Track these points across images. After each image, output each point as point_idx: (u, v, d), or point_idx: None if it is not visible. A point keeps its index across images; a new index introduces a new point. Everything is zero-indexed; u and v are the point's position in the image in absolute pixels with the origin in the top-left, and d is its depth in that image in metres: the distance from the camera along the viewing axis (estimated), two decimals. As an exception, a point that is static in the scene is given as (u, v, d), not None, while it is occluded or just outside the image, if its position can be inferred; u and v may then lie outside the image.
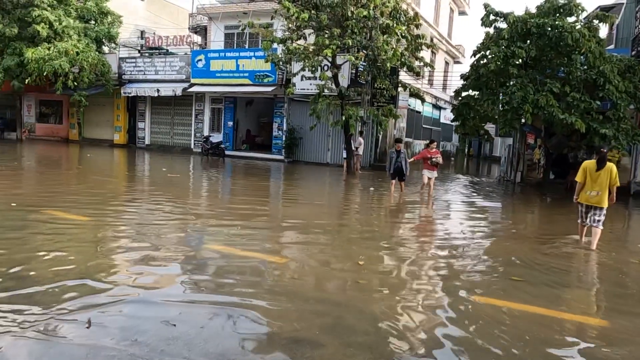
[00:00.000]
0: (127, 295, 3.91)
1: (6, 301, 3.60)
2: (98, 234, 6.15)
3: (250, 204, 9.47)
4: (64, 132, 28.05)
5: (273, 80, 20.33)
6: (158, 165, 17.23)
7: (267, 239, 6.47)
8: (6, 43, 22.31)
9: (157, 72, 23.82)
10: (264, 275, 4.73)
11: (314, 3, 14.67)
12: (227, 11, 22.37)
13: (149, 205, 8.38)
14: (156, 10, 29.80)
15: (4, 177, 11.71)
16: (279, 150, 21.30)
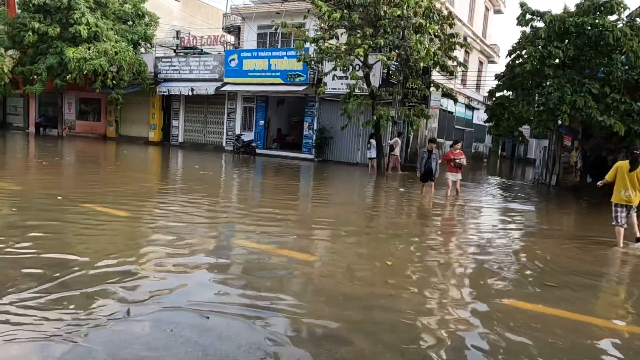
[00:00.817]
0: (161, 287, 4.04)
1: (45, 291, 3.78)
2: (134, 228, 6.35)
3: (280, 202, 9.58)
4: (102, 129, 28.97)
5: (304, 80, 20.45)
6: (191, 163, 17.60)
7: (296, 237, 6.54)
8: (49, 43, 23.25)
9: (192, 71, 24.31)
10: (293, 272, 4.80)
11: (346, 3, 14.69)
12: (260, 11, 22.62)
13: (182, 202, 8.59)
14: (191, 10, 30.41)
15: (48, 172, 12.23)
16: (309, 149, 21.41)
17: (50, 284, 3.90)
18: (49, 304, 3.51)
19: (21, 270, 4.16)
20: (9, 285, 3.80)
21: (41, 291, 3.73)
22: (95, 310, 3.49)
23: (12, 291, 3.70)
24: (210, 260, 5.00)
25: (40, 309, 3.40)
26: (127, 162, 16.58)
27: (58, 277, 4.05)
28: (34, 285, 3.83)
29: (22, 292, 3.70)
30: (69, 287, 3.85)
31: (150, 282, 4.16)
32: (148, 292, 3.90)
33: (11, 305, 3.44)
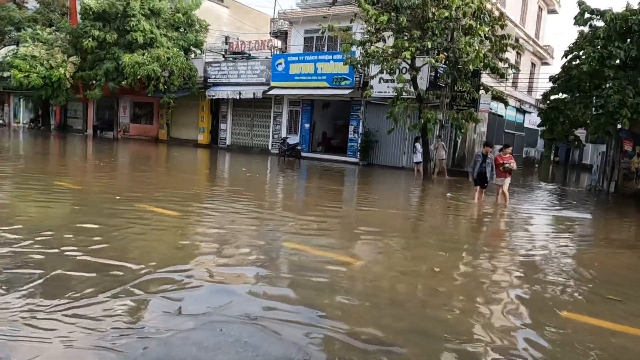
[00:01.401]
0: (209, 288, 4.12)
1: (96, 291, 3.93)
2: (184, 227, 6.53)
3: (325, 205, 9.58)
4: (154, 132, 30.07)
5: (350, 83, 20.42)
6: (238, 165, 17.95)
7: (341, 240, 6.52)
8: (107, 49, 24.42)
9: (239, 75, 24.83)
10: (339, 275, 4.76)
11: (393, 5, 14.56)
12: (307, 16, 22.82)
13: (230, 203, 8.76)
14: (240, 16, 31.08)
15: (105, 173, 12.81)
16: (354, 153, 21.34)
17: (103, 284, 4.06)
18: (102, 304, 3.64)
19: (77, 273, 4.34)
20: (61, 286, 3.99)
21: (93, 291, 3.88)
22: (146, 308, 3.60)
23: (66, 293, 3.87)
24: (257, 262, 5.05)
25: (93, 309, 3.52)
26: (178, 164, 17.12)
27: (110, 277, 4.20)
28: (88, 286, 3.99)
29: (76, 293, 3.86)
30: (120, 285, 3.99)
31: (199, 281, 4.24)
32: (197, 292, 3.98)
33: (67, 307, 3.60)
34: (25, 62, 24.88)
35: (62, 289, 3.78)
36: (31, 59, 25.04)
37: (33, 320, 3.18)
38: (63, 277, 4.01)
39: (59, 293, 3.67)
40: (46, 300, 3.51)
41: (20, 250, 4.65)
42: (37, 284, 3.83)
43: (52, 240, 5.05)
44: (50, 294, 3.65)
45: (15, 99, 38.86)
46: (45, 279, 3.94)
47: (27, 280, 3.87)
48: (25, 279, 3.91)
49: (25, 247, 4.74)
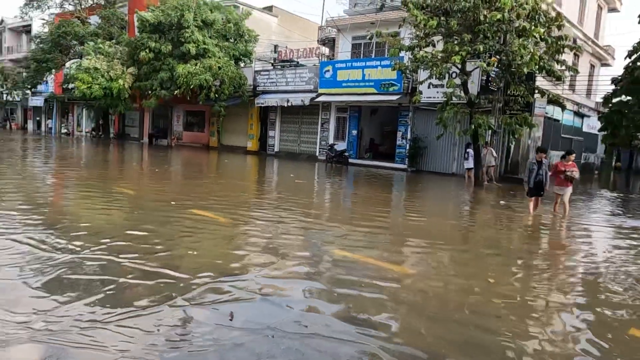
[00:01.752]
0: (260, 297, 4.15)
1: (155, 297, 4.06)
2: (234, 233, 6.65)
3: (373, 212, 9.49)
4: (205, 139, 30.98)
5: (398, 89, 20.23)
6: (286, 172, 18.15)
7: (390, 249, 6.43)
8: (162, 60, 25.48)
9: (288, 83, 25.18)
10: (390, 285, 4.69)
11: (443, 9, 14.31)
12: (354, 22, 22.85)
13: (278, 209, 8.85)
14: (288, 25, 31.57)
15: (160, 179, 13.31)
16: (402, 159, 21.08)
17: (156, 292, 4.18)
18: (156, 313, 3.75)
19: (133, 281, 4.51)
20: (117, 294, 4.14)
21: (147, 300, 4.01)
22: (199, 313, 3.67)
23: (122, 301, 4.02)
24: (306, 271, 5.06)
25: (147, 318, 3.62)
26: (228, 171, 17.53)
27: (163, 286, 4.33)
28: (142, 294, 4.13)
29: (131, 301, 4.00)
30: (173, 294, 4.10)
31: (250, 292, 4.29)
32: (248, 302, 4.03)
33: (123, 315, 3.73)
34: (87, 75, 26.37)
35: (118, 296, 3.92)
36: (93, 71, 26.52)
37: (91, 327, 3.26)
38: (120, 285, 4.16)
39: (114, 301, 3.79)
40: (103, 308, 3.61)
41: (81, 257, 4.88)
42: (95, 291, 3.97)
43: (110, 247, 5.26)
44: (106, 301, 3.77)
45: (79, 109, 41.24)
46: (103, 286, 4.08)
47: (87, 288, 4.03)
48: (84, 286, 4.08)
49: (85, 254, 4.96)
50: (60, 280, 4.09)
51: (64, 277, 4.18)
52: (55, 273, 4.24)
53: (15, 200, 8.02)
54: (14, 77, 43.18)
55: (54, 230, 5.90)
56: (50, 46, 32.40)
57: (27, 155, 19.24)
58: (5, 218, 6.42)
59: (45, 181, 11.73)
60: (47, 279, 4.09)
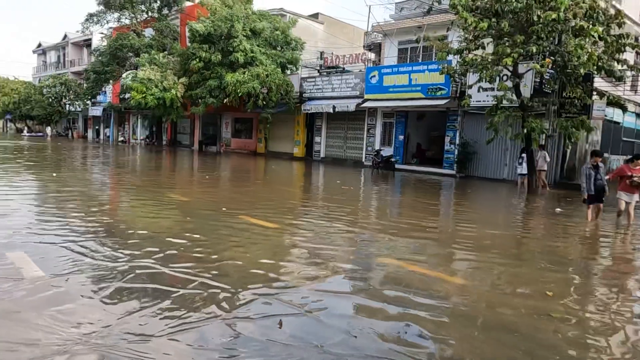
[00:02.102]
0: (307, 301, 4.15)
1: (199, 304, 4.13)
2: (282, 241, 6.70)
3: (420, 219, 9.31)
4: (252, 145, 31.59)
5: (446, 93, 19.85)
6: (332, 178, 18.17)
7: (439, 257, 6.27)
8: (212, 69, 26.25)
9: (334, 89, 25.28)
10: (441, 295, 4.56)
11: (494, 11, 13.91)
12: (401, 27, 22.65)
13: (325, 215, 8.86)
14: (334, 31, 31.73)
15: (210, 185, 13.67)
16: (451, 164, 20.62)
17: (206, 301, 4.26)
18: (203, 324, 3.81)
19: (184, 291, 4.61)
20: (167, 302, 4.24)
21: (197, 310, 4.09)
22: (247, 326, 3.71)
23: (172, 309, 4.11)
24: (353, 280, 5.01)
25: (196, 329, 3.68)
26: (276, 177, 17.76)
27: (213, 294, 4.41)
28: (192, 303, 4.21)
29: (181, 310, 4.09)
30: (221, 301, 4.16)
31: (296, 299, 4.30)
32: (296, 305, 4.03)
33: (175, 325, 3.81)
34: (142, 85, 27.56)
35: (168, 308, 4.01)
36: (147, 81, 27.68)
37: (142, 341, 3.24)
38: (170, 296, 4.25)
39: (165, 312, 3.86)
40: (153, 319, 3.65)
41: (132, 265, 5.04)
42: (145, 302, 4.04)
43: (161, 256, 5.41)
44: (157, 313, 3.86)
45: (134, 118, 43.20)
46: (154, 297, 4.15)
47: (137, 298, 4.11)
48: (135, 296, 4.16)
49: (136, 262, 5.11)
50: (113, 290, 4.23)
51: (116, 286, 4.31)
52: (108, 282, 4.38)
53: (74, 207, 8.46)
54: (75, 88, 45.82)
55: (108, 237, 6.16)
56: (108, 58, 34.12)
57: (87, 162, 20.29)
58: (64, 224, 6.77)
59: (103, 187, 12.32)
60: (100, 289, 4.23)
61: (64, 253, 5.12)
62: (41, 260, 4.78)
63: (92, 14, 34.86)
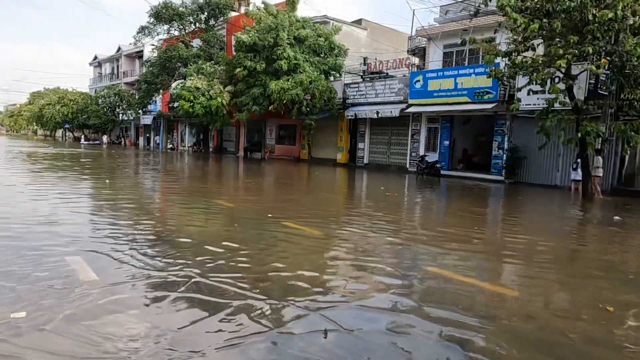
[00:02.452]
0: (351, 316, 4.08)
1: (242, 308, 4.14)
2: (326, 250, 6.67)
3: (467, 227, 9.04)
4: (296, 152, 31.85)
5: (494, 97, 19.28)
6: (376, 184, 18.01)
7: (487, 266, 6.04)
8: (256, 77, 26.72)
9: (377, 94, 25.12)
10: (491, 308, 4.37)
11: (545, 10, 13.39)
12: (446, 30, 22.25)
13: (369, 223, 8.76)
14: (377, 37, 31.59)
15: (255, 192, 13.85)
16: (499, 170, 19.98)
17: (250, 311, 4.27)
18: (247, 331, 3.82)
19: (228, 301, 4.65)
20: (214, 312, 4.28)
21: (244, 321, 4.10)
22: (291, 336, 3.68)
23: (218, 319, 4.14)
24: (400, 289, 4.90)
25: (242, 345, 3.71)
26: (319, 183, 17.80)
27: (256, 304, 4.42)
28: (240, 315, 4.24)
29: (228, 322, 4.12)
30: (265, 314, 4.16)
31: (342, 310, 4.24)
32: (341, 315, 3.98)
33: (225, 338, 3.84)
34: (190, 94, 28.44)
35: (214, 317, 4.06)
36: (195, 90, 28.53)
37: (189, 357, 3.23)
38: (215, 307, 4.30)
39: (213, 323, 3.93)
40: (201, 331, 3.69)
41: (181, 273, 5.15)
42: (194, 311, 4.10)
43: (210, 266, 5.50)
44: (205, 323, 3.90)
45: (182, 126, 44.62)
46: (200, 308, 4.19)
47: (186, 307, 4.16)
48: (182, 305, 4.21)
49: (185, 270, 5.23)
50: (161, 299, 4.33)
51: (164, 295, 4.40)
52: (155, 292, 4.47)
53: (125, 214, 8.78)
54: (128, 98, 47.92)
55: (158, 245, 6.33)
56: (158, 69, 35.46)
57: (139, 168, 21.08)
58: (116, 230, 7.03)
59: (154, 194, 12.74)
60: (149, 299, 4.34)
61: (116, 259, 5.29)
62: (95, 265, 4.96)
63: (144, 26, 36.38)
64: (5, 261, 4.96)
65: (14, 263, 4.90)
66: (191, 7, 35.13)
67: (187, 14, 35.41)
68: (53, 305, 3.80)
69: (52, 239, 6.07)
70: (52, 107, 59.82)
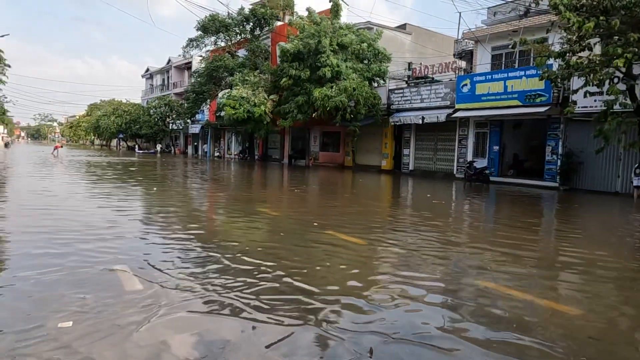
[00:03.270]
0: (396, 327, 3.89)
1: (294, 326, 4.03)
2: (372, 260, 6.49)
3: (521, 238, 8.58)
4: (340, 159, 31.75)
5: (546, 100, 18.44)
6: (422, 192, 17.60)
7: (544, 282, 5.65)
8: (301, 85, 26.88)
9: (422, 100, 24.65)
10: (549, 326, 4.06)
11: (602, 7, 12.67)
12: (494, 32, 21.56)
13: (415, 232, 8.49)
14: (422, 41, 31.09)
15: (300, 199, 13.84)
16: (553, 176, 19.05)
17: (294, 326, 4.16)
18: (296, 350, 3.71)
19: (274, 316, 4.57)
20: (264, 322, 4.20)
21: (291, 328, 4.00)
22: (335, 348, 3.54)
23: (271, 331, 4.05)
24: (449, 304, 4.66)
25: (282, 342, 3.60)
26: (364, 190, 17.59)
27: (308, 312, 4.30)
28: (294, 326, 4.14)
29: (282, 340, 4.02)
30: (310, 330, 4.04)
31: (389, 319, 4.06)
32: (387, 330, 3.80)
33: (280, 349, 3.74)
34: (235, 102, 29.06)
35: (264, 335, 3.98)
36: (240, 99, 29.12)
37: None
38: (268, 324, 4.24)
39: (262, 342, 3.86)
40: (250, 349, 3.69)
41: (227, 284, 5.12)
42: (240, 325, 4.08)
43: (256, 276, 5.46)
44: (253, 341, 3.86)
45: (228, 134, 45.58)
46: (249, 320, 4.18)
47: (230, 321, 4.13)
48: (229, 318, 4.20)
49: (230, 281, 5.20)
50: (206, 311, 4.31)
51: (211, 309, 4.39)
52: (207, 304, 4.48)
53: (174, 221, 8.94)
54: (177, 108, 49.55)
55: (204, 254, 6.36)
56: (205, 79, 36.43)
57: (188, 176, 21.62)
58: (164, 238, 7.13)
59: (201, 202, 12.97)
60: (194, 310, 4.34)
61: (160, 268, 5.34)
62: (141, 274, 5.02)
63: (192, 38, 37.52)
64: (50, 266, 5.10)
65: (61, 268, 5.03)
66: (237, 18, 35.93)
67: (233, 25, 36.23)
68: (100, 315, 3.84)
69: (101, 245, 6.23)
70: (107, 118, 62.75)
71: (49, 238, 6.67)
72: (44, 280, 4.72)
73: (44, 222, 8.03)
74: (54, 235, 6.89)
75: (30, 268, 5.10)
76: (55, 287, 4.51)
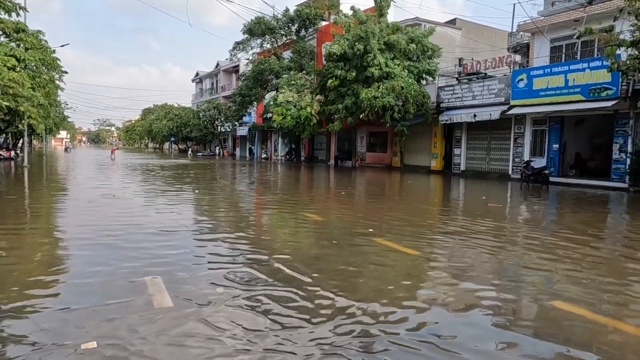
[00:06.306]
0: (447, 345, 3.34)
1: (324, 333, 3.57)
2: (423, 271, 5.92)
3: (590, 246, 7.69)
4: (387, 159, 31.00)
5: (614, 94, 17.01)
6: (476, 194, 16.67)
7: (618, 299, 4.88)
8: (347, 86, 26.39)
9: (474, 97, 23.55)
10: (623, 350, 3.37)
11: (680, -11, 11.42)
12: (554, 22, 20.20)
13: (472, 240, 7.80)
14: (474, 36, 29.81)
15: (346, 203, 13.37)
16: (621, 176, 17.57)
17: (337, 330, 3.70)
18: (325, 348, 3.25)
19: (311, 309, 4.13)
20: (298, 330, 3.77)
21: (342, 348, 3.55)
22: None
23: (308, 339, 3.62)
24: (506, 323, 4.04)
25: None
26: (413, 193, 16.86)
27: (358, 330, 3.84)
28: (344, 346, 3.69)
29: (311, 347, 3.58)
30: (367, 340, 3.57)
31: (433, 334, 3.52)
32: (444, 345, 3.26)
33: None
34: (281, 108, 29.10)
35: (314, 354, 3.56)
36: (286, 103, 29.11)
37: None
38: (317, 342, 3.82)
39: (303, 336, 3.45)
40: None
41: (269, 297, 4.75)
42: (284, 343, 3.70)
43: (304, 289, 5.06)
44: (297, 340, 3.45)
45: (275, 136, 45.81)
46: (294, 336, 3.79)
47: (274, 338, 3.79)
48: (270, 337, 3.85)
49: (273, 293, 4.83)
50: (241, 333, 3.95)
51: (247, 327, 4.03)
52: (234, 322, 4.13)
53: (220, 227, 8.70)
54: (225, 111, 50.37)
55: (246, 265, 6.03)
56: (252, 82, 36.69)
57: (236, 178, 21.65)
58: (204, 246, 6.87)
59: (247, 206, 12.76)
60: (226, 331, 3.98)
61: (197, 280, 5.03)
62: (173, 288, 4.70)
63: (239, 42, 37.92)
64: (80, 279, 4.89)
65: (90, 281, 4.81)
66: (282, 19, 35.93)
67: (278, 27, 36.28)
68: (125, 334, 3.54)
69: (145, 252, 6.02)
70: (160, 122, 64.82)
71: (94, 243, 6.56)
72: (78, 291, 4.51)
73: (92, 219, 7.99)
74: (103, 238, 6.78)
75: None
76: (81, 298, 4.27)
